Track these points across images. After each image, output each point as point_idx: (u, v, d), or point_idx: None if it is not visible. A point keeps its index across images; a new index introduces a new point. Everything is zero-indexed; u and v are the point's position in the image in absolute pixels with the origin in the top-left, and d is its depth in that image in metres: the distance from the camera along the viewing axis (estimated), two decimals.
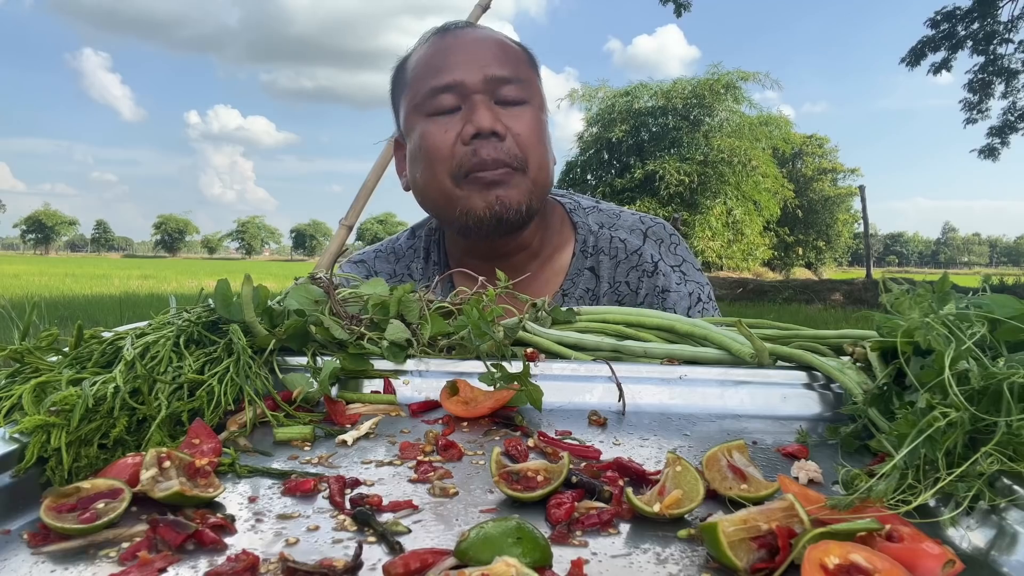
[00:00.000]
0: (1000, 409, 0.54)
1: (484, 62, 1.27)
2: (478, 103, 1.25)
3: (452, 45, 1.30)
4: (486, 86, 1.26)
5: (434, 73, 1.27)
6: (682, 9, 14.49)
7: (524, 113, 1.28)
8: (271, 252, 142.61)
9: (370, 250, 1.55)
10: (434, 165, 1.26)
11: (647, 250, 1.42)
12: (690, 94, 23.52)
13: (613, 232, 1.44)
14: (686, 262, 1.46)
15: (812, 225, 37.09)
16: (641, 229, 1.47)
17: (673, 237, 1.48)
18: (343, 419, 0.76)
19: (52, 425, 0.59)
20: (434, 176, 1.27)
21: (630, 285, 1.40)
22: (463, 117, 1.25)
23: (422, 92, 1.28)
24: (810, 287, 15.01)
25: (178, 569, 0.46)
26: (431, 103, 1.27)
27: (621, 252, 1.42)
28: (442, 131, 1.25)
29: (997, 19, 15.09)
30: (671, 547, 0.50)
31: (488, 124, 1.23)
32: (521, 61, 1.34)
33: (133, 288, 15.10)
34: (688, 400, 0.82)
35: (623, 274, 1.41)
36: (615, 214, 1.50)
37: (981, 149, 16.43)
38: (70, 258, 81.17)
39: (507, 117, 1.26)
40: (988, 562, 0.49)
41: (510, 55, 1.32)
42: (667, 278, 1.40)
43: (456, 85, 1.25)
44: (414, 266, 1.48)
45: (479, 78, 1.25)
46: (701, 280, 1.45)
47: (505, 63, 1.29)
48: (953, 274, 2.80)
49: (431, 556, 0.45)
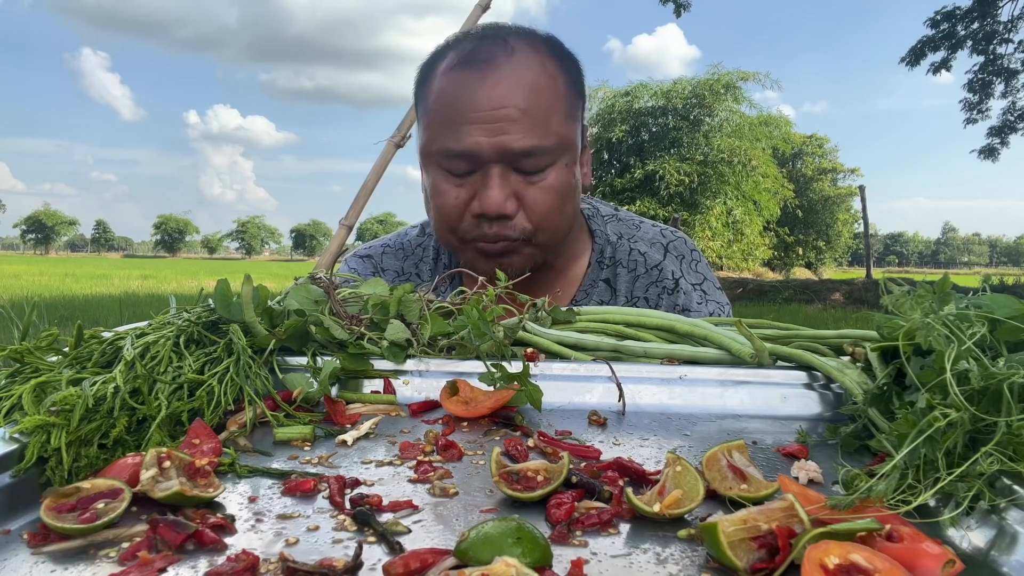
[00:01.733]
0: (1000, 409, 0.54)
1: (507, 126, 1.14)
2: (492, 176, 1.15)
3: (476, 91, 1.16)
4: (503, 157, 1.15)
5: (451, 130, 1.17)
6: (682, 9, 14.49)
7: (545, 179, 1.18)
8: (271, 252, 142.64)
9: (378, 244, 1.49)
10: (441, 223, 1.22)
11: (668, 266, 1.37)
12: (690, 94, 23.52)
13: (632, 244, 1.38)
14: (707, 280, 1.41)
15: (812, 225, 37.10)
16: (662, 243, 1.41)
17: (694, 253, 1.43)
18: (343, 419, 0.76)
19: (52, 425, 0.59)
20: (440, 231, 1.24)
21: (648, 301, 1.34)
22: (475, 184, 1.18)
23: (436, 146, 1.19)
24: (810, 287, 15.01)
25: (178, 569, 0.46)
26: (443, 162, 1.19)
27: (640, 266, 1.36)
28: (452, 195, 1.19)
29: (997, 19, 15.10)
30: (671, 547, 0.50)
31: (495, 208, 1.15)
32: (557, 109, 1.19)
33: (133, 288, 15.11)
34: (688, 400, 0.82)
35: (641, 289, 1.35)
36: (635, 225, 1.44)
37: (981, 149, 16.44)
38: (70, 258, 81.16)
39: (523, 188, 1.17)
40: (988, 562, 0.49)
41: (542, 106, 1.17)
42: (688, 296, 1.35)
43: (470, 155, 1.16)
44: (423, 266, 1.43)
45: (496, 149, 1.14)
46: (722, 300, 1.40)
47: (533, 127, 1.15)
48: (953, 274, 2.81)
49: (431, 556, 0.45)
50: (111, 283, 17.24)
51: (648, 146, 24.20)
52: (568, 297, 1.35)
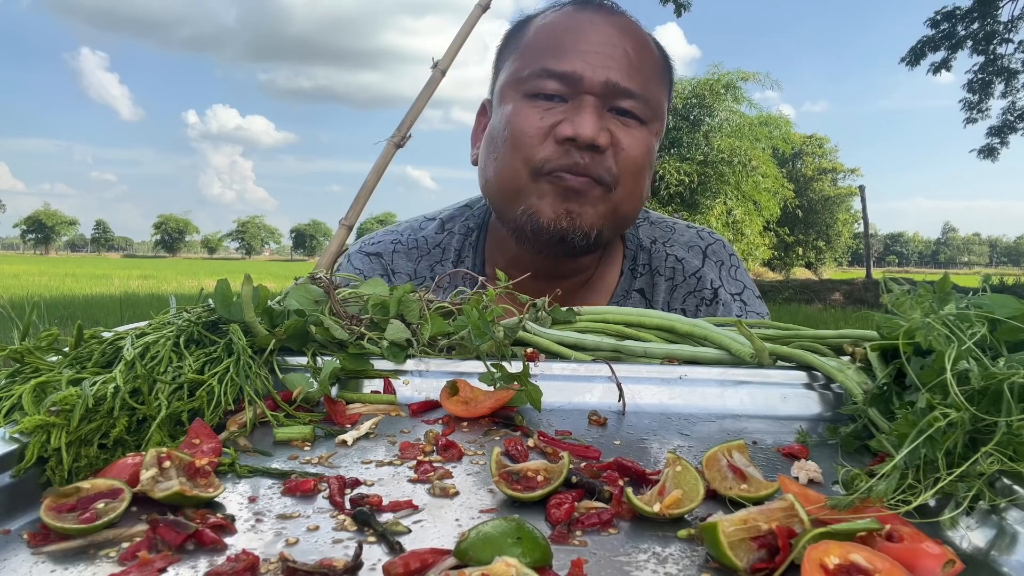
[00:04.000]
0: (1000, 409, 0.54)
1: (614, 62, 1.09)
2: (587, 104, 1.07)
3: (587, 27, 1.11)
4: (605, 90, 1.08)
5: (553, 52, 1.10)
6: (682, 9, 14.49)
7: (637, 131, 1.12)
8: (271, 252, 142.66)
9: (387, 239, 1.32)
10: (515, 151, 1.10)
11: (707, 273, 1.26)
12: (690, 94, 23.52)
13: (669, 249, 1.28)
14: (747, 289, 1.30)
15: (812, 225, 37.10)
16: (700, 247, 1.30)
17: (733, 259, 1.33)
18: (343, 419, 0.76)
19: (52, 425, 0.59)
20: (510, 163, 1.11)
21: (686, 312, 1.23)
22: (566, 111, 1.08)
23: (532, 68, 1.10)
24: (810, 287, 15.01)
25: (178, 569, 0.46)
26: (536, 83, 1.10)
27: (679, 274, 1.25)
28: (537, 117, 1.09)
29: (997, 19, 15.10)
30: (671, 547, 0.50)
31: (590, 133, 1.05)
32: (655, 75, 1.16)
33: (133, 288, 15.11)
34: (688, 400, 0.82)
35: (679, 299, 1.25)
36: (668, 227, 1.32)
37: (981, 149, 16.45)
38: (70, 258, 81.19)
39: (616, 127, 1.10)
40: (988, 562, 0.49)
41: (647, 64, 1.14)
42: (727, 308, 1.25)
43: (572, 77, 1.08)
44: (439, 269, 1.27)
45: (600, 78, 1.07)
46: (762, 311, 1.30)
47: (637, 74, 1.11)
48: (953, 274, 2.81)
49: (431, 556, 0.45)
50: (111, 283, 17.24)
51: None
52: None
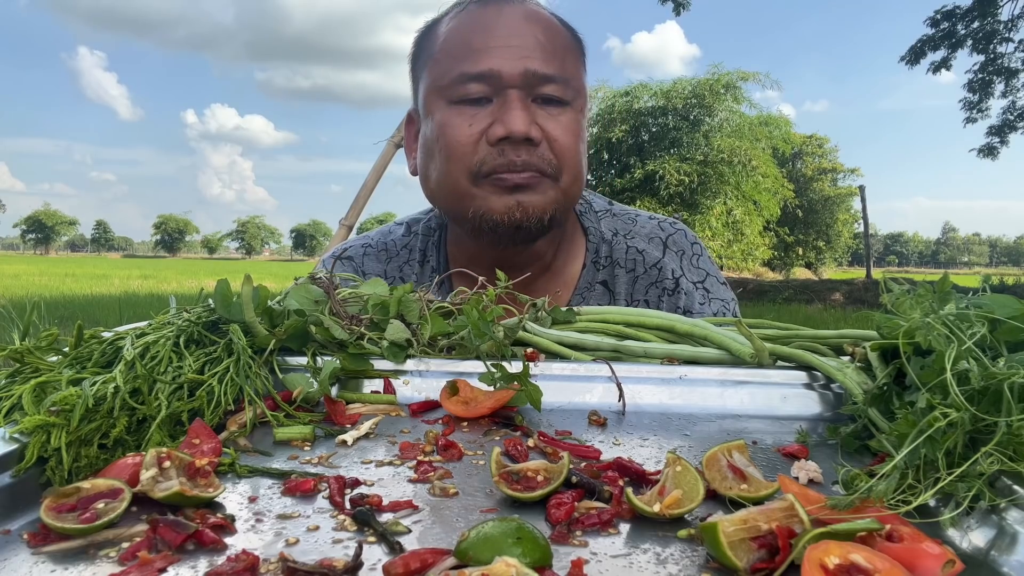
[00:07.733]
0: (1000, 409, 0.54)
1: (527, 51, 1.10)
2: (513, 100, 1.08)
3: (493, 22, 1.12)
4: (525, 81, 1.09)
5: (467, 55, 1.11)
6: (681, 8, 14.48)
7: (564, 115, 1.13)
8: (271, 252, 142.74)
9: (358, 244, 1.37)
10: (452, 161, 1.12)
11: (668, 264, 1.28)
12: (690, 94, 23.52)
13: (630, 241, 1.30)
14: (710, 276, 1.32)
15: (812, 225, 37.09)
16: (660, 237, 1.32)
17: (695, 247, 1.34)
18: (343, 419, 0.76)
19: (52, 425, 0.59)
20: (450, 173, 1.12)
21: (649, 303, 1.27)
22: (493, 113, 1.10)
23: (450, 75, 1.11)
24: (810, 287, 15.01)
25: (178, 569, 0.46)
26: (458, 89, 1.11)
27: (639, 265, 1.28)
28: (466, 124, 1.10)
29: (997, 18, 15.10)
30: (671, 547, 0.50)
31: (522, 128, 1.07)
32: (569, 52, 1.17)
33: (133, 288, 15.11)
34: (688, 400, 0.82)
35: (641, 291, 1.28)
36: (631, 219, 1.35)
37: (981, 148, 16.44)
38: (70, 258, 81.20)
39: (544, 119, 1.11)
40: (988, 562, 0.49)
41: (559, 45, 1.14)
42: (690, 297, 1.27)
43: (491, 75, 1.09)
44: (407, 269, 1.33)
45: (519, 70, 1.08)
46: (726, 296, 1.32)
47: (552, 57, 1.11)
48: (953, 274, 2.81)
49: (431, 556, 0.45)
50: (111, 283, 17.24)
51: (648, 146, 24.20)
52: (563, 302, 1.29)
